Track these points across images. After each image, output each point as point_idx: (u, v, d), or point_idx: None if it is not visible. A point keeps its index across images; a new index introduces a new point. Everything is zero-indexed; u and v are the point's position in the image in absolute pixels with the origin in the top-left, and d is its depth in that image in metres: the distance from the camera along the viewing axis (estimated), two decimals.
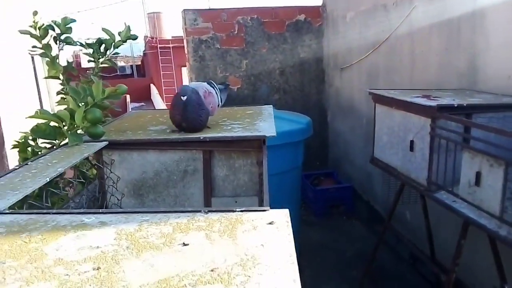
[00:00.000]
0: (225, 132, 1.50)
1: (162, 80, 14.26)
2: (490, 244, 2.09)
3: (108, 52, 2.34)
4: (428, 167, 2.15)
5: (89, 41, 2.32)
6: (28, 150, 1.58)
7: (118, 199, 1.47)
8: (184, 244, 0.67)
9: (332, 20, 4.94)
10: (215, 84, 1.80)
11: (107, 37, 2.32)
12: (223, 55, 4.93)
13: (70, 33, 2.27)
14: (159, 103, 11.99)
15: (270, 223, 0.74)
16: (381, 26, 3.78)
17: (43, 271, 0.60)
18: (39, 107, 6.31)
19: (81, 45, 2.34)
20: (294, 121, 3.28)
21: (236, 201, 1.52)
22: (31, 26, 2.17)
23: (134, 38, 2.42)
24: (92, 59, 2.33)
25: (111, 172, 1.45)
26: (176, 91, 1.59)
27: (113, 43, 2.31)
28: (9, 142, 3.19)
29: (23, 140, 1.61)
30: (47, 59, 2.24)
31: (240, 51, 4.97)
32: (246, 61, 5.03)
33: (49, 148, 1.37)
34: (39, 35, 2.17)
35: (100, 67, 2.35)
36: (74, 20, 2.31)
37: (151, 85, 14.95)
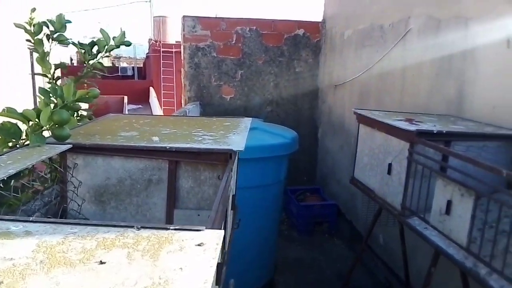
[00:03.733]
0: (193, 143, 1.48)
1: (162, 84, 14.28)
2: (460, 275, 2.06)
3: (99, 55, 2.34)
4: (404, 192, 2.13)
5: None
6: None
7: (78, 204, 1.45)
8: (101, 262, 0.65)
9: (330, 37, 4.96)
10: None
11: (103, 38, 2.32)
12: (219, 63, 4.93)
13: (64, 32, 2.27)
14: (156, 106, 11.99)
15: (199, 245, 0.72)
16: (376, 46, 3.80)
17: None
18: (34, 104, 6.30)
19: (74, 44, 2.33)
20: (279, 135, 3.26)
21: (198, 214, 1.50)
22: (26, 22, 2.17)
23: (128, 44, 2.41)
24: (83, 59, 2.33)
25: (72, 176, 1.43)
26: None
27: (106, 46, 2.31)
28: None
29: None
30: (37, 55, 2.24)
31: (236, 61, 4.98)
32: (242, 71, 5.03)
33: (10, 147, 1.35)
34: (33, 31, 2.17)
35: (90, 67, 2.34)
36: (69, 21, 2.31)
37: (151, 88, 14.98)
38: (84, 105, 2.01)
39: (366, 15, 3.98)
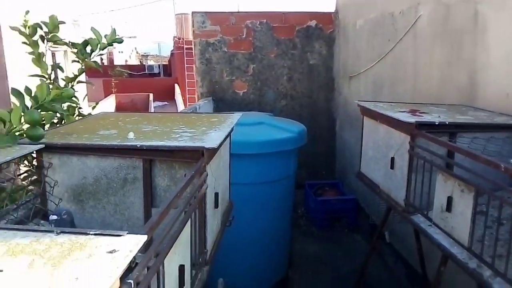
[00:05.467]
0: (167, 141, 1.44)
1: (186, 80, 14.42)
2: None
3: (93, 53, 2.35)
4: (406, 187, 2.01)
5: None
6: None
7: (56, 204, 1.44)
8: None
9: (343, 27, 4.81)
10: None
11: (95, 36, 2.32)
12: (230, 58, 4.89)
13: (57, 32, 2.29)
14: (180, 103, 12.13)
15: (110, 252, 0.67)
16: (387, 35, 3.63)
17: None
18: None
19: (66, 44, 2.35)
20: (286, 130, 3.18)
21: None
22: (21, 25, 2.21)
23: (120, 41, 2.40)
24: (77, 58, 2.34)
25: (47, 176, 1.42)
26: None
27: (98, 44, 2.31)
28: None
29: None
30: (33, 56, 2.27)
31: (248, 55, 4.92)
32: (254, 65, 4.97)
33: None
34: (28, 33, 2.20)
35: (83, 67, 2.36)
36: (63, 22, 2.33)
37: (176, 84, 15.16)
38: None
39: (377, 3, 3.81)
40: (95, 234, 0.73)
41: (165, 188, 1.49)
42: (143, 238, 0.72)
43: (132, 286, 0.74)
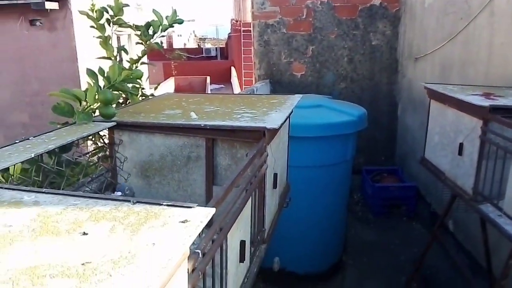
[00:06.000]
0: (229, 121, 1.47)
1: (243, 63, 14.52)
2: None
3: (155, 35, 2.43)
4: (476, 175, 1.89)
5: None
6: None
7: (125, 178, 1.54)
8: (84, 234, 0.68)
9: (410, 5, 4.54)
10: None
11: (157, 18, 2.40)
12: (289, 40, 4.83)
13: (121, 15, 2.39)
14: (236, 85, 12.27)
15: (183, 222, 0.71)
16: (460, 13, 3.38)
17: None
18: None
19: (130, 27, 2.45)
20: (345, 113, 3.11)
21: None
22: (89, 9, 2.34)
23: (180, 22, 2.47)
24: (140, 40, 2.44)
25: (118, 152, 1.52)
26: None
27: (160, 26, 2.38)
28: None
29: None
30: (100, 40, 2.40)
31: (307, 36, 4.83)
32: (313, 47, 4.87)
33: (62, 124, 1.48)
34: (95, 17, 2.33)
35: (146, 48, 2.45)
36: (127, 5, 2.43)
37: (232, 67, 15.33)
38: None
39: None
40: (167, 205, 0.78)
41: (226, 167, 1.53)
42: (212, 210, 0.75)
43: (200, 256, 0.78)
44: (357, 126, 3.08)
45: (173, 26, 2.45)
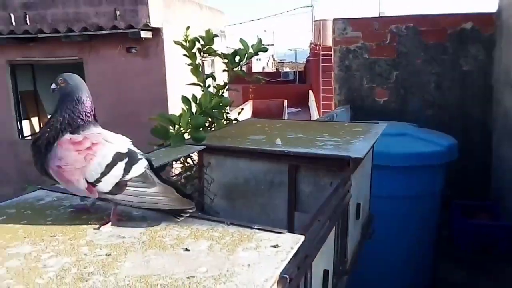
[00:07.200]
0: (312, 148, 1.49)
1: (321, 87, 14.52)
2: None
3: (241, 62, 2.57)
4: None
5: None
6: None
7: (211, 199, 1.63)
8: (186, 249, 0.74)
9: (507, 29, 4.22)
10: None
11: (243, 47, 2.54)
12: (371, 65, 4.75)
13: (211, 45, 2.57)
14: (314, 110, 12.26)
15: (274, 246, 0.75)
16: None
17: (73, 248, 0.75)
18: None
19: (219, 55, 2.62)
20: (433, 142, 2.95)
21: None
22: (183, 39, 2.56)
23: (265, 50, 2.58)
24: (226, 68, 2.60)
25: (206, 174, 1.61)
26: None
27: (246, 54, 2.52)
28: None
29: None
30: (191, 67, 2.60)
31: (391, 61, 4.71)
32: (397, 72, 4.73)
33: (159, 145, 1.62)
34: (188, 47, 2.54)
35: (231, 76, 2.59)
36: (216, 35, 2.62)
37: (310, 91, 15.39)
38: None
39: None
40: (258, 229, 0.82)
41: (308, 194, 1.55)
42: (301, 238, 0.78)
43: (288, 281, 0.80)
44: (446, 157, 2.90)
45: (258, 54, 2.57)
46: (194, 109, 1.76)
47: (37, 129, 9.07)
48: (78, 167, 0.82)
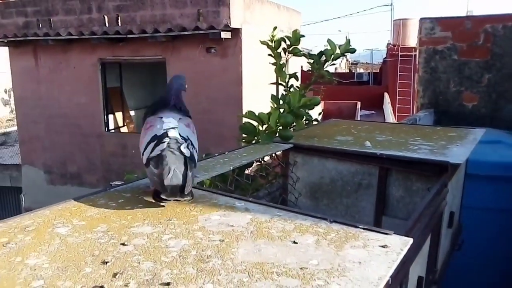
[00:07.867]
0: (406, 152, 1.44)
1: (398, 89, 13.88)
2: None
3: (326, 63, 2.55)
4: None
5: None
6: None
7: (295, 197, 1.65)
8: (294, 242, 0.77)
9: None
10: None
11: (330, 47, 2.52)
12: (460, 67, 4.44)
13: (297, 45, 2.59)
14: (389, 113, 11.76)
15: (383, 246, 0.74)
16: None
17: (189, 232, 0.81)
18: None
19: (304, 55, 2.63)
20: None
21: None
22: (269, 39, 2.61)
23: (353, 51, 2.54)
24: (311, 68, 2.59)
25: (292, 172, 1.64)
26: None
27: (332, 55, 2.50)
28: None
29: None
30: (275, 66, 2.64)
31: (483, 63, 4.36)
32: (489, 75, 4.37)
33: (248, 143, 1.67)
34: (273, 47, 2.59)
35: (317, 76, 2.59)
36: (303, 35, 2.63)
37: (385, 93, 14.78)
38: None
39: None
40: (363, 228, 0.82)
41: (399, 198, 1.50)
42: (410, 240, 0.76)
43: (390, 282, 0.79)
44: None
45: (345, 55, 2.53)
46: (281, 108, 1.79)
47: (120, 123, 9.82)
48: (140, 141, 1.04)
